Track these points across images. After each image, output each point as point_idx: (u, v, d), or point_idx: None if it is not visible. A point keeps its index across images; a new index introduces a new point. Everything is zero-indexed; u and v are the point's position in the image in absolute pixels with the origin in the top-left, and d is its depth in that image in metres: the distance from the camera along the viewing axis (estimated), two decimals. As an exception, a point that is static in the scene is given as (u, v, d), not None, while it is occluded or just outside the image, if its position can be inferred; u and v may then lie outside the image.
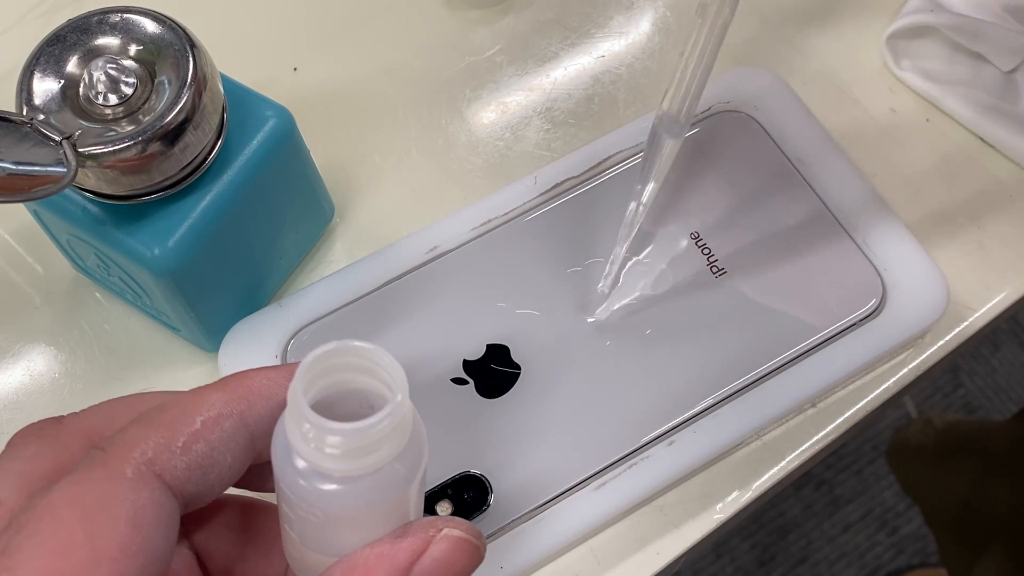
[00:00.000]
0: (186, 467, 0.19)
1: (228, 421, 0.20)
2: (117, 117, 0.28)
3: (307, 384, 0.18)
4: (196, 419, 0.20)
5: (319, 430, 0.18)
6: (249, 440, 0.20)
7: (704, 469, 0.33)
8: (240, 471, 0.21)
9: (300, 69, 0.40)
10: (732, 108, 0.37)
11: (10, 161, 0.26)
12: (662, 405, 0.32)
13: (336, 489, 0.19)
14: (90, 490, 0.18)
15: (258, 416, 0.20)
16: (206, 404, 0.20)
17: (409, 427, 0.19)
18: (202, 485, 0.20)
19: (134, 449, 0.19)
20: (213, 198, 0.30)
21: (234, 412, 0.20)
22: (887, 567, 1.00)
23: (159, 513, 0.19)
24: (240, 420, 0.20)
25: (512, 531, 0.31)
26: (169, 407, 0.20)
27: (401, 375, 0.18)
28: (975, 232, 0.37)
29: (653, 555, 0.32)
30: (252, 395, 0.20)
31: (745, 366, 0.32)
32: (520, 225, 0.35)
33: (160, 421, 0.19)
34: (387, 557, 0.19)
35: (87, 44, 0.28)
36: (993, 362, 1.09)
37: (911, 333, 0.33)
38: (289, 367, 0.20)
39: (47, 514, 0.18)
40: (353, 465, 0.18)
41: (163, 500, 0.19)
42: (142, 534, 0.18)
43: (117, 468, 0.18)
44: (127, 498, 0.18)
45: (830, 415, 0.34)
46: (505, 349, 0.33)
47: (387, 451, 0.18)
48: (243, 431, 0.20)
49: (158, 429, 0.19)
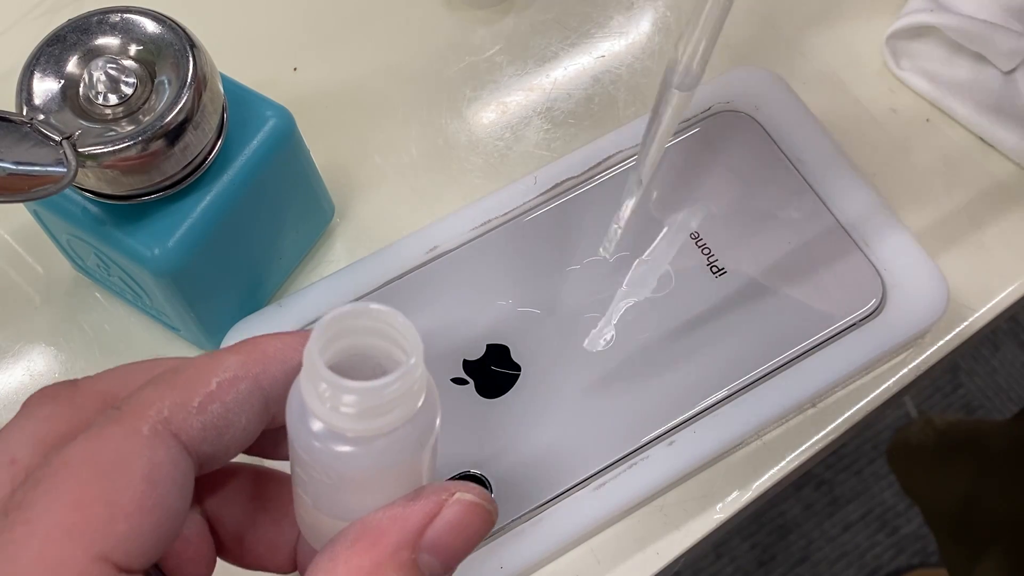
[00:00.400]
0: (201, 427, 0.19)
1: (243, 383, 0.20)
2: (117, 117, 0.28)
3: (323, 345, 0.18)
4: (212, 380, 0.20)
5: (335, 389, 0.18)
6: (263, 403, 0.20)
7: (704, 469, 0.33)
8: (254, 434, 0.21)
9: (300, 69, 0.40)
10: (732, 108, 0.37)
11: (10, 161, 0.26)
12: (662, 405, 0.32)
13: (350, 451, 0.19)
14: (106, 447, 0.18)
15: (272, 379, 0.20)
16: (222, 366, 0.20)
17: (423, 390, 0.19)
18: (217, 446, 0.20)
19: (150, 408, 0.19)
20: (213, 198, 0.30)
21: (249, 375, 0.20)
22: (887, 567, 1.00)
23: (175, 471, 0.19)
24: (255, 383, 0.20)
25: (512, 531, 0.31)
26: (184, 369, 0.20)
27: (416, 339, 0.19)
28: (975, 232, 0.37)
29: (653, 555, 0.32)
30: (267, 358, 0.20)
31: (745, 366, 0.32)
32: (520, 225, 0.35)
33: (176, 382, 0.20)
34: (400, 519, 0.20)
35: (87, 44, 0.28)
36: (993, 362, 1.09)
37: (911, 333, 0.33)
38: (303, 333, 0.21)
39: (63, 469, 0.18)
40: (367, 425, 0.18)
41: (179, 459, 0.19)
42: (158, 491, 0.18)
43: (133, 426, 0.19)
44: (143, 455, 0.18)
45: (830, 415, 0.34)
46: (505, 349, 0.33)
47: (401, 412, 0.19)
48: (258, 393, 0.20)
49: (174, 389, 0.19)
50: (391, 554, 0.19)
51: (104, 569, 0.17)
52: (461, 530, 0.20)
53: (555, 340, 0.33)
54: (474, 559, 0.30)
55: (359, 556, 0.19)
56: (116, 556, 0.18)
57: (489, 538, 0.30)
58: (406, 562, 0.19)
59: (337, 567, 0.19)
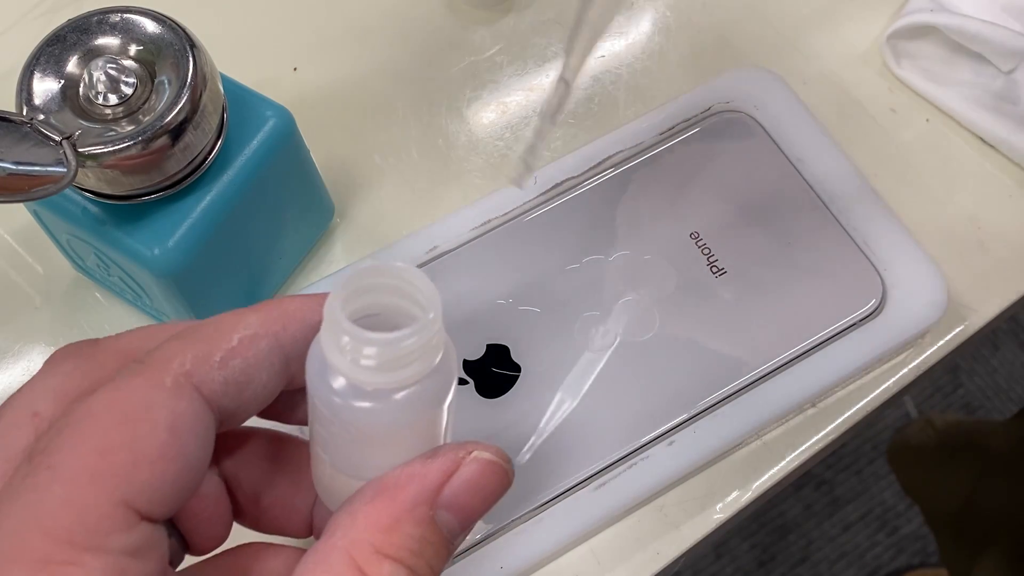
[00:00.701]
0: (223, 382, 0.19)
1: (264, 341, 0.20)
2: (117, 117, 0.28)
3: (345, 299, 0.19)
4: (233, 337, 0.20)
5: (356, 341, 0.18)
6: (284, 361, 0.20)
7: (704, 469, 0.33)
8: (274, 392, 0.21)
9: (300, 69, 0.40)
10: (732, 108, 0.37)
11: (10, 161, 0.26)
12: (662, 405, 0.32)
13: (369, 406, 0.19)
14: (130, 397, 0.18)
15: (293, 338, 0.21)
16: (243, 323, 0.20)
17: (441, 347, 0.19)
18: (237, 402, 0.20)
19: (173, 360, 0.19)
20: (213, 198, 0.30)
21: (270, 332, 0.20)
22: (887, 567, 1.00)
23: (197, 423, 0.19)
24: (275, 340, 0.20)
25: (512, 531, 0.31)
26: (206, 325, 0.20)
27: (435, 295, 0.19)
28: (975, 232, 0.37)
29: (653, 555, 0.32)
30: (287, 317, 0.21)
31: (745, 366, 0.32)
32: (520, 225, 0.35)
33: (198, 337, 0.20)
34: (418, 476, 0.20)
35: (87, 44, 0.28)
36: (993, 362, 1.09)
37: (911, 333, 0.33)
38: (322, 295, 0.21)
39: (87, 418, 0.18)
40: (387, 379, 0.19)
41: (201, 411, 0.19)
42: (180, 440, 0.18)
43: (157, 377, 0.19)
44: (166, 405, 0.18)
45: (830, 415, 0.34)
46: (505, 349, 0.33)
47: (420, 367, 0.19)
48: (278, 351, 0.20)
49: (196, 344, 0.20)
50: (409, 510, 0.19)
51: (126, 514, 0.18)
52: (479, 488, 0.20)
53: (555, 340, 0.33)
54: (474, 559, 0.30)
55: (378, 511, 0.19)
56: (138, 503, 0.18)
57: (489, 538, 0.30)
58: (424, 518, 0.20)
59: (356, 522, 0.19)
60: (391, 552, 0.19)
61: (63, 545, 0.17)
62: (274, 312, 0.21)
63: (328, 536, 0.19)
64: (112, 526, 0.17)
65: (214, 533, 0.22)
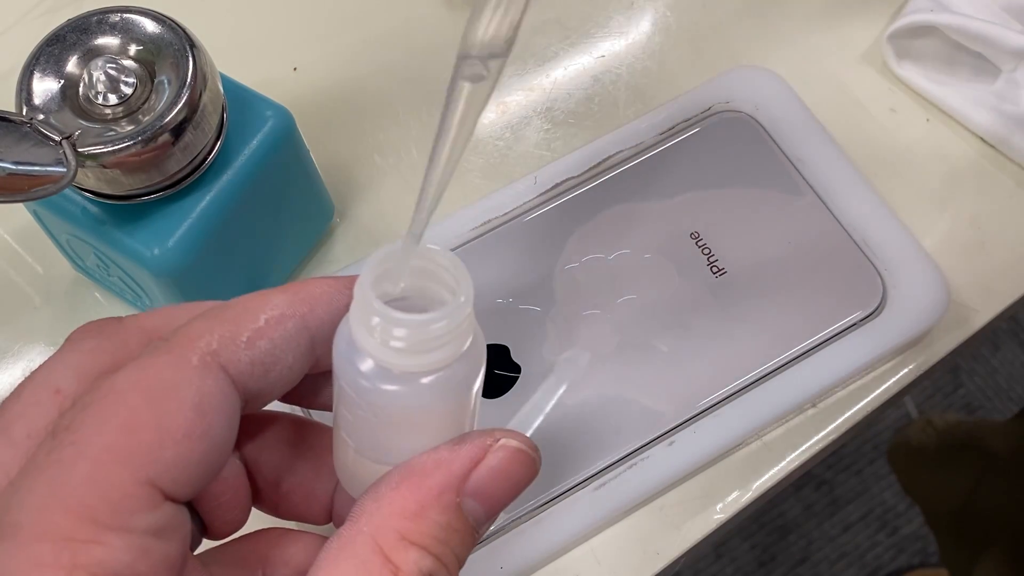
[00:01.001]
0: (249, 362, 0.19)
1: (291, 322, 0.20)
2: (117, 117, 0.28)
3: (375, 280, 0.19)
4: (260, 317, 0.20)
5: (386, 322, 0.18)
6: (310, 343, 0.20)
7: (704, 469, 0.33)
8: (300, 374, 0.21)
9: (300, 69, 0.40)
10: (732, 108, 0.37)
11: (10, 161, 0.26)
12: (662, 405, 0.32)
13: (397, 389, 0.19)
14: (156, 374, 0.18)
15: (319, 320, 0.20)
16: (270, 304, 0.20)
17: (471, 331, 0.19)
18: (263, 383, 0.20)
19: (200, 340, 0.19)
20: (213, 198, 0.30)
21: (296, 313, 0.20)
22: (887, 567, 1.00)
23: (223, 402, 0.19)
24: (302, 322, 0.20)
25: (512, 531, 0.31)
26: (233, 305, 0.20)
27: (467, 279, 0.19)
28: (975, 232, 0.37)
29: (653, 555, 0.32)
30: (314, 299, 0.20)
31: (745, 366, 0.32)
32: (520, 225, 0.35)
33: (225, 316, 0.20)
34: (445, 463, 0.20)
35: (87, 44, 0.28)
36: (993, 362, 1.09)
37: (912, 333, 0.33)
38: (349, 277, 0.21)
39: (112, 395, 0.18)
40: (415, 362, 0.18)
41: (227, 391, 0.19)
42: (207, 420, 0.18)
43: (183, 355, 0.19)
44: (193, 384, 0.18)
45: (830, 415, 0.34)
46: (505, 349, 0.33)
47: (448, 351, 0.19)
48: (304, 333, 0.20)
49: (223, 324, 0.19)
50: (436, 496, 0.19)
51: (150, 494, 0.17)
52: (505, 477, 0.20)
53: (555, 340, 0.33)
54: (474, 559, 0.30)
55: (404, 497, 0.19)
56: (163, 482, 0.18)
57: (489, 538, 0.30)
58: (451, 505, 0.19)
59: (381, 507, 0.19)
60: (417, 539, 0.19)
61: (86, 523, 0.17)
62: (301, 293, 0.20)
63: (352, 522, 0.19)
64: (136, 505, 0.17)
65: (233, 517, 0.22)
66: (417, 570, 0.19)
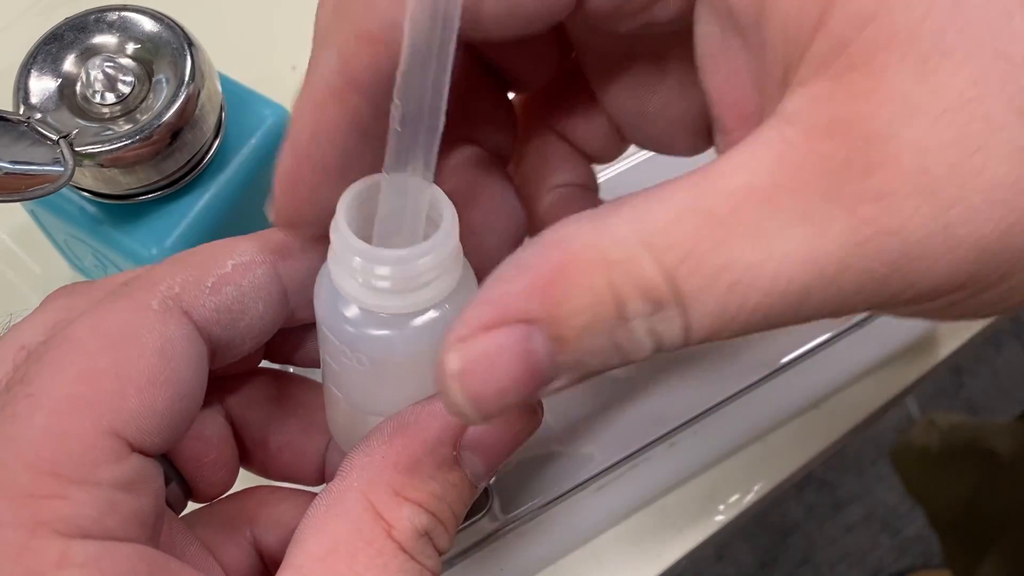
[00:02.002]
0: (215, 308, 0.18)
1: (260, 268, 0.19)
2: (114, 116, 0.28)
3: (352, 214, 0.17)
4: (227, 262, 0.19)
5: (368, 261, 0.17)
6: (281, 293, 0.19)
7: (705, 470, 0.33)
8: (272, 325, 0.20)
9: (299, 68, 0.40)
10: (734, 107, 0.37)
11: (7, 160, 0.26)
12: (663, 406, 0.32)
13: (385, 334, 0.18)
14: (114, 320, 0.17)
15: (293, 269, 0.19)
16: (238, 250, 0.19)
17: (459, 269, 0.18)
18: (231, 331, 0.19)
19: (160, 284, 0.18)
20: (211, 197, 0.29)
21: (267, 260, 0.19)
22: (889, 568, 1.00)
23: (188, 348, 0.18)
24: (272, 269, 0.19)
25: (513, 533, 0.30)
26: (199, 251, 0.19)
27: (451, 209, 0.17)
28: (978, 232, 0.37)
29: (654, 557, 0.32)
30: (286, 247, 0.19)
31: (747, 367, 0.32)
32: (520, 225, 0.35)
33: (189, 261, 0.19)
34: (440, 414, 0.18)
35: (84, 42, 0.28)
36: (996, 363, 1.09)
37: (914, 334, 0.33)
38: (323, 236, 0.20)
39: (67, 343, 0.17)
40: (404, 302, 0.17)
41: (192, 336, 0.18)
42: (171, 365, 0.17)
43: (143, 300, 0.18)
44: (154, 328, 0.17)
45: (833, 416, 0.34)
46: (505, 349, 0.33)
47: (438, 287, 0.18)
48: (276, 281, 0.19)
49: (186, 268, 0.18)
50: (431, 450, 0.18)
51: (115, 445, 0.16)
52: (506, 428, 0.19)
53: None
54: (475, 560, 0.30)
55: (397, 451, 0.18)
56: (128, 432, 0.17)
57: (490, 539, 0.30)
58: (446, 459, 0.18)
59: (373, 462, 0.18)
60: (411, 495, 0.18)
61: (47, 477, 0.16)
62: (272, 241, 0.19)
63: (342, 477, 0.18)
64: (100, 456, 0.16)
65: (218, 478, 0.21)
66: (411, 527, 0.17)
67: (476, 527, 0.30)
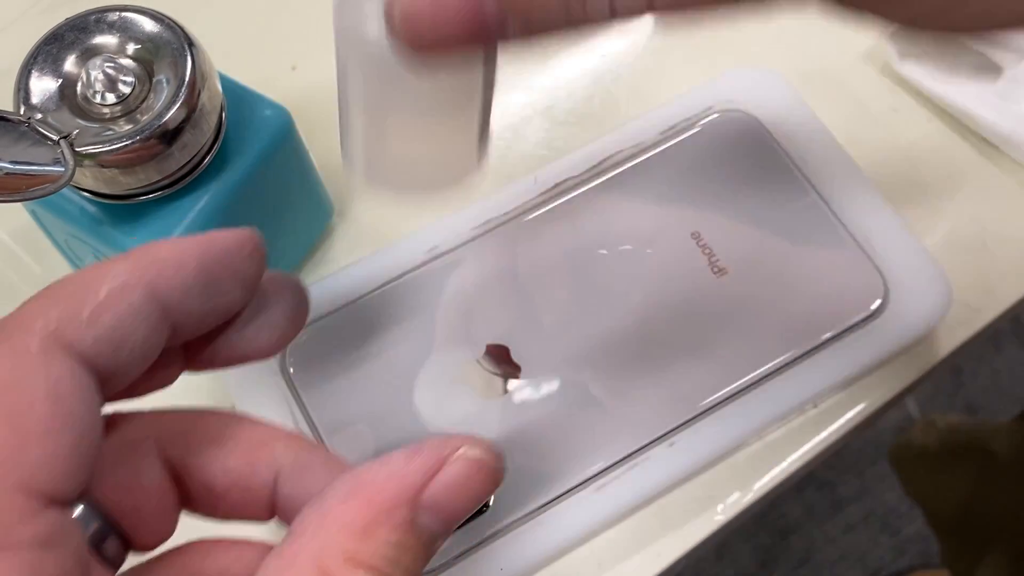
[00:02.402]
0: (94, 340, 0.17)
1: (136, 291, 0.18)
2: (115, 116, 0.28)
3: None
4: (100, 289, 0.18)
5: None
6: (161, 313, 0.19)
7: (705, 470, 0.33)
8: (157, 346, 0.19)
9: (299, 68, 0.40)
10: (733, 108, 0.37)
11: (7, 160, 0.26)
12: (663, 406, 0.32)
13: None
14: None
15: (169, 286, 0.19)
16: (111, 274, 0.18)
17: None
18: (115, 361, 0.18)
19: (36, 322, 0.17)
20: (211, 198, 0.30)
21: (142, 281, 0.18)
22: (889, 568, 1.00)
23: (78, 387, 0.17)
24: (149, 290, 0.18)
25: (512, 532, 0.30)
26: (70, 280, 0.18)
27: None
28: (977, 232, 0.37)
29: (654, 556, 0.32)
30: (161, 263, 0.19)
31: (746, 366, 0.32)
32: (520, 225, 0.35)
33: (61, 294, 0.18)
34: (397, 476, 0.18)
35: (85, 43, 0.28)
36: (996, 363, 1.09)
37: (913, 334, 0.33)
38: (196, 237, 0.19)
39: None
40: None
41: (78, 372, 0.17)
42: (65, 408, 0.17)
43: (21, 343, 0.17)
44: (39, 372, 0.17)
45: (832, 416, 0.34)
46: (505, 349, 0.33)
47: None
48: (153, 303, 0.18)
49: (59, 302, 0.18)
50: (387, 512, 0.18)
51: (26, 501, 0.16)
52: (464, 490, 0.19)
53: (555, 340, 0.33)
54: (474, 560, 0.30)
55: (352, 513, 0.18)
56: (38, 485, 0.16)
57: (489, 539, 0.30)
58: (402, 522, 0.18)
59: (327, 523, 0.18)
60: (365, 559, 0.17)
61: None
62: (145, 258, 0.19)
63: (295, 537, 0.18)
64: (13, 517, 0.15)
65: (159, 527, 0.20)
66: None
67: (476, 527, 0.30)
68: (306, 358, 0.33)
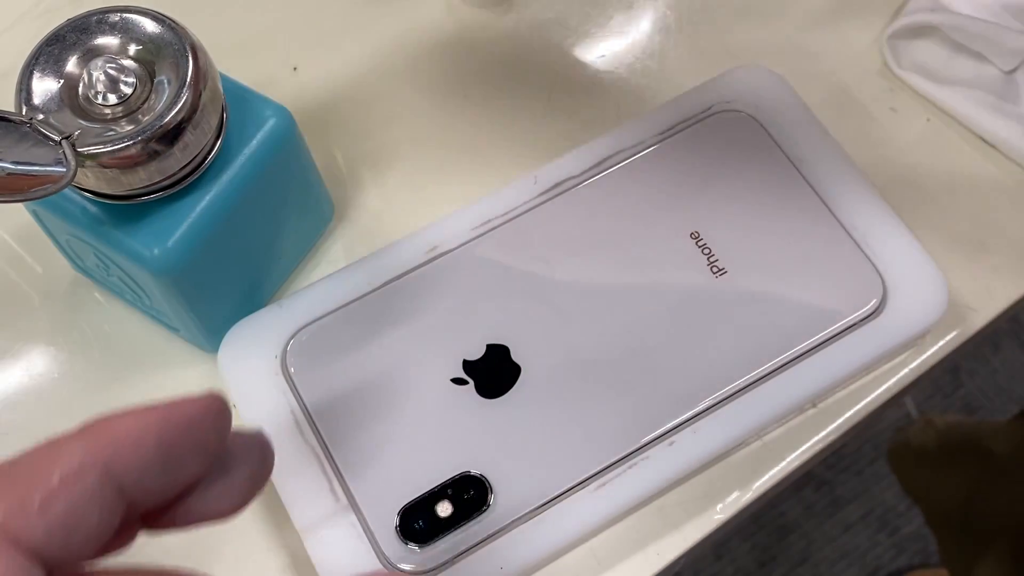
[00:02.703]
0: (45, 531, 0.17)
1: (91, 473, 0.17)
2: (116, 117, 0.28)
3: None
4: (53, 474, 0.17)
5: None
6: (117, 493, 0.18)
7: (704, 469, 0.33)
8: (111, 527, 0.18)
9: (300, 69, 0.40)
10: (732, 108, 0.37)
11: (9, 161, 0.26)
12: (662, 405, 0.32)
13: None
14: None
15: (126, 465, 0.18)
16: (64, 456, 0.17)
17: None
18: (67, 547, 0.17)
19: None
20: (213, 198, 0.30)
21: (98, 461, 0.17)
22: (888, 567, 1.00)
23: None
24: (104, 471, 0.17)
25: (512, 532, 0.31)
26: (20, 464, 0.17)
27: None
28: (976, 232, 0.37)
29: (653, 556, 0.32)
30: (117, 440, 0.18)
31: (745, 366, 0.32)
32: (520, 225, 0.35)
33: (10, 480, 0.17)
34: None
35: (86, 44, 0.28)
36: (994, 362, 1.09)
37: (912, 333, 0.33)
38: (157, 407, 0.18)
39: None
40: None
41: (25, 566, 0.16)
42: None
43: None
44: None
45: (831, 415, 0.34)
46: (505, 349, 0.33)
47: None
48: (109, 484, 0.18)
49: (8, 491, 0.17)
50: None
51: None
52: None
53: (555, 340, 0.33)
54: (474, 559, 0.30)
55: None
56: None
57: (489, 539, 0.30)
58: None
59: None
60: None
61: None
62: (102, 436, 0.18)
63: None
64: None
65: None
66: None
67: (476, 527, 0.30)
68: (306, 358, 0.33)
